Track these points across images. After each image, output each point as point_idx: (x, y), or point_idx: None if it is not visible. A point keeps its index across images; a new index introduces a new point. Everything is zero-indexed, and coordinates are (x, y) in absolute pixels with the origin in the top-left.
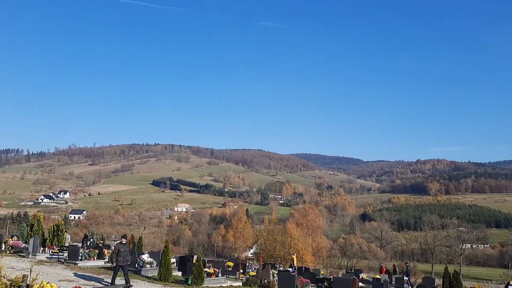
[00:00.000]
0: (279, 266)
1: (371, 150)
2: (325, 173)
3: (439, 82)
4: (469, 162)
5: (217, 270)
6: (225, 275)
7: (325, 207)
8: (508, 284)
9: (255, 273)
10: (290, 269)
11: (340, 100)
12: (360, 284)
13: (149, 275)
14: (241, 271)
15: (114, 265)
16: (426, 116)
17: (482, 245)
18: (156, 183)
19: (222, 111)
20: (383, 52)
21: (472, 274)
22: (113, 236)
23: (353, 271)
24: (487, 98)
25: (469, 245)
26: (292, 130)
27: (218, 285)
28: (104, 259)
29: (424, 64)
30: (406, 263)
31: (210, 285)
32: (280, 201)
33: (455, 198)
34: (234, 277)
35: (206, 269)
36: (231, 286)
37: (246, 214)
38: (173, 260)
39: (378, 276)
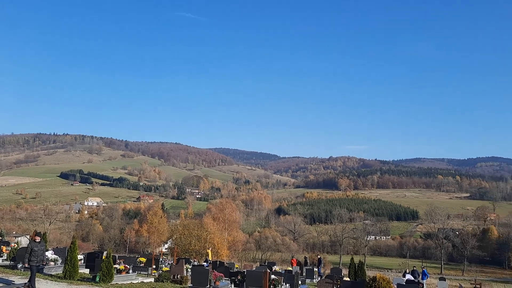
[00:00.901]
0: (194, 261)
1: (288, 146)
2: (243, 168)
3: (349, 84)
4: (375, 160)
5: (128, 267)
6: (136, 271)
7: (242, 201)
8: (405, 272)
9: (168, 269)
10: (205, 263)
11: (259, 96)
12: (272, 276)
13: (53, 273)
14: (154, 266)
15: (27, 265)
16: (338, 115)
17: (384, 237)
18: (64, 175)
19: (138, 103)
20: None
21: (375, 263)
22: (14, 232)
23: (266, 263)
24: (391, 101)
25: (373, 237)
26: (211, 125)
27: (128, 282)
28: (1, 256)
29: (333, 63)
30: (317, 255)
31: (119, 282)
32: (197, 196)
33: (362, 193)
34: (146, 273)
35: (116, 266)
36: (142, 282)
37: (162, 208)
38: (80, 256)
39: (290, 268)
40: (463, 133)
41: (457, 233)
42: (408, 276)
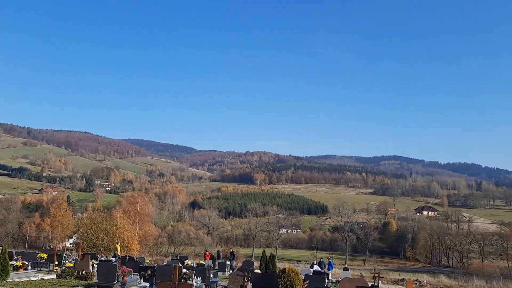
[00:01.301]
0: (101, 256)
1: (205, 139)
2: (157, 161)
3: (266, 81)
4: (290, 155)
5: (26, 263)
6: (36, 268)
7: (156, 195)
8: (313, 263)
9: (72, 264)
10: (113, 258)
11: (176, 87)
12: (184, 270)
13: None
14: (56, 262)
15: None
16: (256, 111)
17: (295, 230)
18: None
19: (43, 87)
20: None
21: (286, 256)
22: None
23: (179, 258)
24: (307, 100)
25: (285, 230)
26: (124, 114)
27: (27, 279)
28: None
29: (252, 58)
30: (230, 248)
31: (17, 280)
32: (107, 188)
33: (276, 188)
34: (47, 269)
35: (13, 262)
36: (43, 279)
37: (67, 201)
38: None
39: (202, 262)
40: (370, 132)
41: (361, 226)
42: (316, 267)
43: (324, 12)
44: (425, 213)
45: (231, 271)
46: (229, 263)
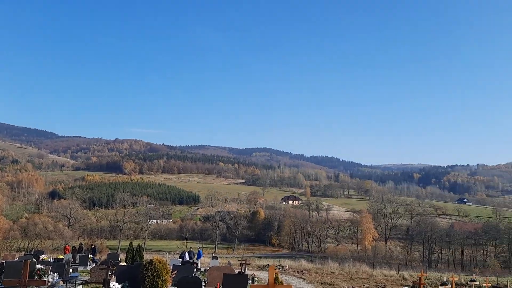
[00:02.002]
0: None
1: (68, 124)
2: (11, 146)
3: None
4: (163, 144)
5: None
6: None
7: (7, 183)
8: (182, 253)
9: None
10: None
11: (35, 66)
12: (38, 266)
13: None
14: None
15: None
16: (127, 96)
17: (166, 220)
18: None
19: None
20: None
21: (155, 247)
22: None
23: (33, 252)
24: (179, 90)
25: (155, 220)
26: None
27: None
28: None
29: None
30: (93, 241)
31: None
32: None
33: (147, 178)
34: None
35: None
36: None
37: None
38: None
39: (61, 256)
40: (243, 125)
41: (232, 215)
42: (185, 257)
43: None
44: (290, 202)
45: (93, 265)
46: (91, 256)
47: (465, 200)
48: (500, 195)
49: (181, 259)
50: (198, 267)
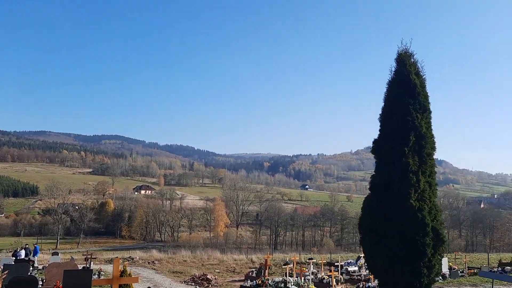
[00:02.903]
0: None
1: None
2: None
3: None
4: None
5: None
6: None
7: None
8: (16, 250)
9: None
10: None
11: None
12: None
13: None
14: None
15: None
16: None
17: None
18: None
19: None
20: None
21: None
22: None
23: None
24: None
25: None
26: None
27: None
28: None
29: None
30: None
31: None
32: None
33: None
34: None
35: None
36: None
37: None
38: None
39: None
40: (91, 110)
41: (77, 207)
42: (20, 255)
43: None
44: (142, 192)
45: None
46: None
47: (307, 186)
48: (335, 182)
49: (14, 258)
50: (35, 265)
